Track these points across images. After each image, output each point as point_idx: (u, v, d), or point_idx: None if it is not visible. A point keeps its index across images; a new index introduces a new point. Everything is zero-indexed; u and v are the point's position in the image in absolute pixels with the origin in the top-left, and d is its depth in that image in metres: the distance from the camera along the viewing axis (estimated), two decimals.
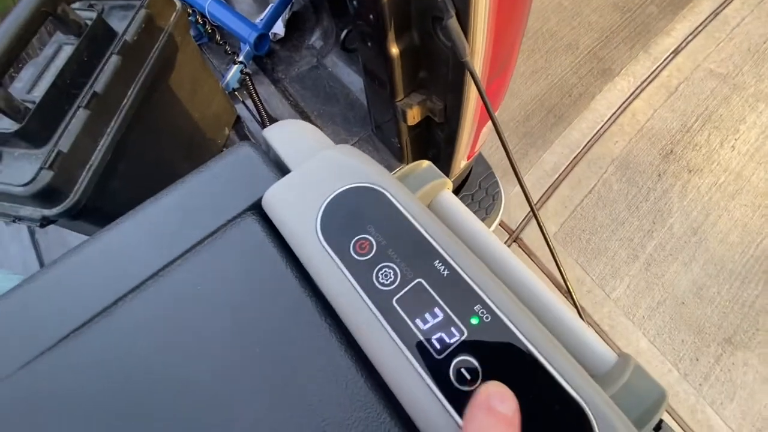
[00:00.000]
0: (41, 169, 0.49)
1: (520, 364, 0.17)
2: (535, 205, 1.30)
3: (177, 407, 0.19)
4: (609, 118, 1.37)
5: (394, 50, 0.48)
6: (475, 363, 0.17)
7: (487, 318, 0.18)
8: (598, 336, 0.25)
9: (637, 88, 1.40)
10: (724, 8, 1.50)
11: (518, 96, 1.45)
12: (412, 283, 0.19)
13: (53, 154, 0.51)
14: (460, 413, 0.16)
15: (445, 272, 0.19)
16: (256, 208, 0.24)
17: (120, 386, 0.19)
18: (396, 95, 0.53)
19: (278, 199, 0.22)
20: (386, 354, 0.18)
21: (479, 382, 0.16)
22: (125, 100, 0.60)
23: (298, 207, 0.22)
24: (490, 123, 0.60)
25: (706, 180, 1.25)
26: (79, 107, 0.55)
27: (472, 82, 0.44)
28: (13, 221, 0.52)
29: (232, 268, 0.22)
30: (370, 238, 0.20)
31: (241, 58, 0.84)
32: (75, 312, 0.21)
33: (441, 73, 0.46)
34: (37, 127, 0.52)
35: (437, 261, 0.19)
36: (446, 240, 0.20)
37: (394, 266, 0.19)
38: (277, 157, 0.25)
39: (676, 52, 1.43)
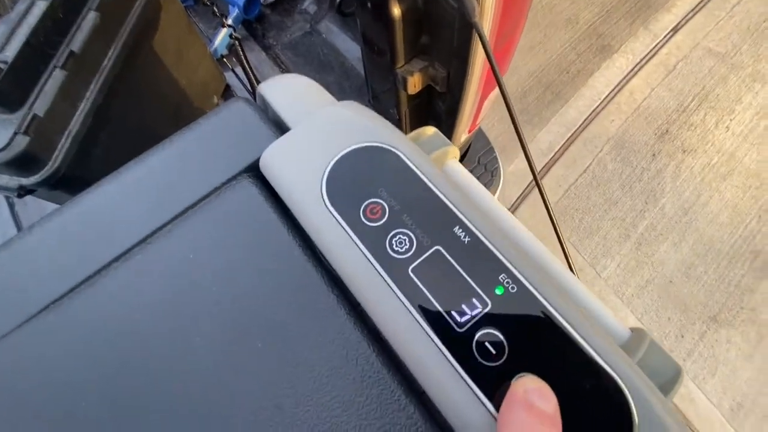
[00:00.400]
0: (16, 133, 0.46)
1: (550, 337, 0.15)
2: (531, 184, 1.29)
3: (167, 385, 0.17)
4: (606, 97, 1.35)
5: (396, 11, 0.45)
6: (501, 336, 0.15)
7: (512, 288, 0.16)
8: (610, 310, 0.24)
9: (635, 66, 1.37)
10: None
11: (515, 72, 1.42)
12: (430, 251, 0.17)
13: (29, 118, 0.47)
14: (485, 390, 0.14)
15: (466, 239, 0.17)
16: (253, 170, 0.21)
17: (102, 361, 0.17)
18: (396, 61, 0.50)
19: (278, 160, 0.20)
20: (402, 327, 0.16)
21: (505, 357, 0.15)
22: (105, 61, 0.56)
23: (300, 168, 0.19)
24: (492, 94, 0.58)
25: (699, 160, 1.26)
26: (55, 67, 0.51)
27: (479, 48, 0.42)
28: None
29: (227, 235, 0.19)
30: (382, 202, 0.18)
31: (230, 22, 0.79)
32: (53, 282, 0.19)
33: (445, 38, 0.44)
34: (9, 88, 0.48)
35: (457, 227, 0.17)
36: (466, 205, 0.18)
37: (410, 233, 0.17)
38: (275, 114, 0.23)
39: (675, 29, 1.41)
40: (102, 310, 0.18)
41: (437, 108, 0.56)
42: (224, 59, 0.85)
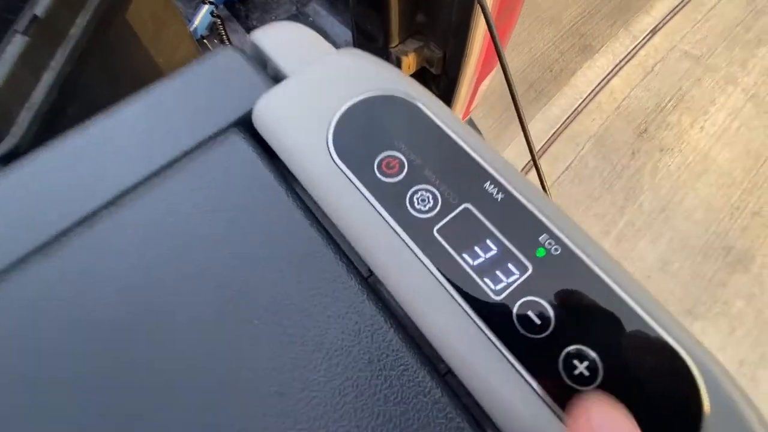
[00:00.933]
0: None
1: (602, 304, 0.13)
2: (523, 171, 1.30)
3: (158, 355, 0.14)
4: (588, 95, 1.37)
5: None
6: (545, 304, 0.13)
7: (555, 250, 0.14)
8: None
9: (615, 66, 1.40)
10: None
11: (499, 69, 1.42)
12: (458, 209, 0.15)
13: None
14: (528, 368, 0.12)
15: (499, 196, 0.15)
16: (244, 123, 0.19)
17: (74, 323, 0.15)
18: (391, 41, 0.48)
19: (274, 111, 0.17)
20: (426, 296, 0.14)
21: (551, 329, 0.13)
22: (73, 29, 0.51)
23: (301, 119, 0.17)
24: (487, 79, 0.57)
25: (676, 159, 1.29)
26: (15, 32, 0.46)
27: (479, 24, 0.40)
28: None
29: (214, 195, 0.17)
30: (400, 155, 0.16)
31: None
32: (19, 240, 0.16)
33: (443, 14, 0.42)
34: None
35: (488, 183, 0.15)
36: (497, 159, 0.16)
37: (433, 189, 0.15)
38: (269, 63, 0.20)
39: (654, 31, 1.44)
40: (71, 268, 0.15)
41: (431, 92, 0.54)
42: (205, 40, 0.80)
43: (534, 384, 0.12)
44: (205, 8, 0.76)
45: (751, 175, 1.26)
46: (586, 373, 0.12)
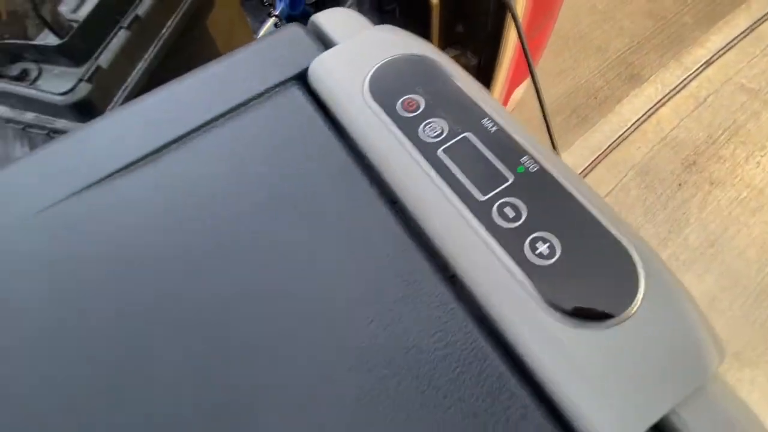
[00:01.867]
0: (80, 80, 0.50)
1: (565, 208, 0.17)
2: None
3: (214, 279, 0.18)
4: (633, 124, 1.35)
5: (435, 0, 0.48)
6: (520, 203, 0.17)
7: (533, 168, 0.18)
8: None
9: (664, 96, 1.38)
10: (760, 24, 1.47)
11: (543, 93, 1.44)
12: (459, 137, 0.19)
13: (93, 69, 0.51)
14: (506, 248, 0.16)
15: (492, 129, 0.19)
16: (302, 78, 0.24)
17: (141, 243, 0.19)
18: None
19: (325, 67, 0.22)
20: (431, 198, 0.18)
21: (522, 219, 0.16)
22: (164, 30, 0.61)
23: (345, 73, 0.22)
24: (517, 92, 0.60)
25: (727, 193, 1.23)
26: (120, 28, 0.56)
27: (510, 31, 0.44)
28: (48, 134, 0.53)
29: (274, 131, 0.21)
30: (418, 97, 0.20)
31: (276, 12, 0.85)
32: (106, 162, 0.21)
33: (480, 23, 0.46)
34: (78, 43, 0.52)
35: (485, 119, 0.19)
36: (495, 104, 0.20)
37: (442, 121, 0.19)
38: (324, 37, 0.25)
39: (707, 63, 1.41)
40: (143, 194, 0.20)
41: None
42: None
43: (506, 259, 0.16)
44: (270, 21, 0.85)
45: None
46: (546, 252, 0.15)
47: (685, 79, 1.39)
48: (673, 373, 0.14)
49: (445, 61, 0.22)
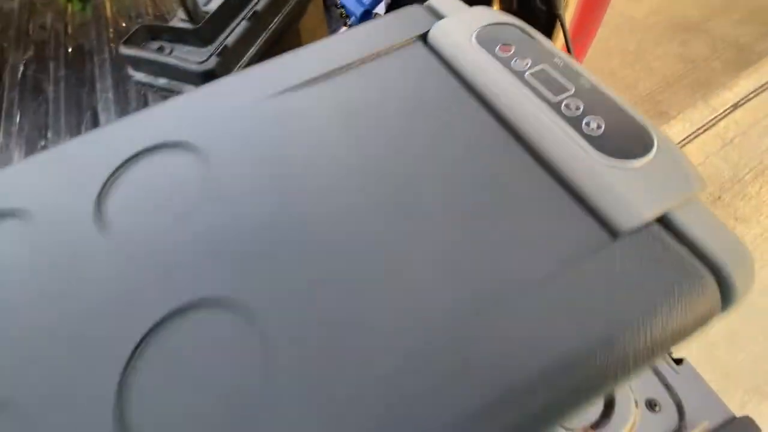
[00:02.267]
0: (211, 54, 0.61)
1: (606, 104, 0.26)
2: None
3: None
4: None
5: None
6: (579, 101, 0.26)
7: (585, 84, 0.28)
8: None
9: (691, 134, 1.43)
10: None
11: None
12: (538, 67, 0.29)
13: (221, 46, 0.63)
14: (571, 125, 0.25)
15: (561, 64, 0.29)
16: (422, 39, 0.33)
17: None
18: None
19: (444, 29, 0.32)
20: (518, 99, 0.27)
21: (581, 110, 0.26)
22: (272, 24, 0.73)
23: (459, 31, 0.31)
24: None
25: (753, 230, 1.25)
26: (242, 19, 0.68)
27: (556, 39, 0.51)
28: None
29: (408, 69, 0.31)
30: (512, 43, 0.30)
31: (350, 23, 0.98)
32: (298, 74, 0.31)
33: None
34: (209, 29, 0.64)
35: (555, 57, 0.29)
36: (559, 50, 0.30)
37: (527, 58, 0.29)
38: (437, 13, 0.34)
39: (735, 106, 1.46)
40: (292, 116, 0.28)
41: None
42: None
43: (572, 132, 0.25)
44: (344, 29, 0.98)
45: None
46: (595, 127, 0.25)
47: (712, 119, 1.44)
48: (673, 187, 0.22)
49: (524, 25, 0.31)
